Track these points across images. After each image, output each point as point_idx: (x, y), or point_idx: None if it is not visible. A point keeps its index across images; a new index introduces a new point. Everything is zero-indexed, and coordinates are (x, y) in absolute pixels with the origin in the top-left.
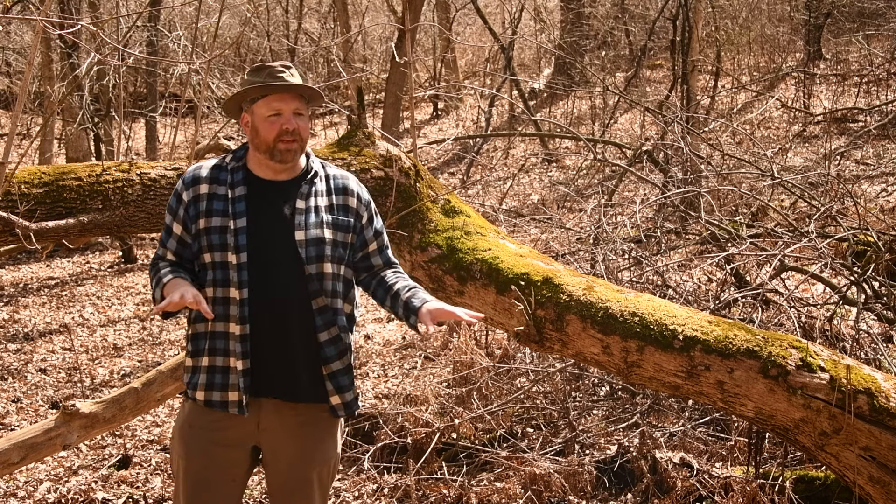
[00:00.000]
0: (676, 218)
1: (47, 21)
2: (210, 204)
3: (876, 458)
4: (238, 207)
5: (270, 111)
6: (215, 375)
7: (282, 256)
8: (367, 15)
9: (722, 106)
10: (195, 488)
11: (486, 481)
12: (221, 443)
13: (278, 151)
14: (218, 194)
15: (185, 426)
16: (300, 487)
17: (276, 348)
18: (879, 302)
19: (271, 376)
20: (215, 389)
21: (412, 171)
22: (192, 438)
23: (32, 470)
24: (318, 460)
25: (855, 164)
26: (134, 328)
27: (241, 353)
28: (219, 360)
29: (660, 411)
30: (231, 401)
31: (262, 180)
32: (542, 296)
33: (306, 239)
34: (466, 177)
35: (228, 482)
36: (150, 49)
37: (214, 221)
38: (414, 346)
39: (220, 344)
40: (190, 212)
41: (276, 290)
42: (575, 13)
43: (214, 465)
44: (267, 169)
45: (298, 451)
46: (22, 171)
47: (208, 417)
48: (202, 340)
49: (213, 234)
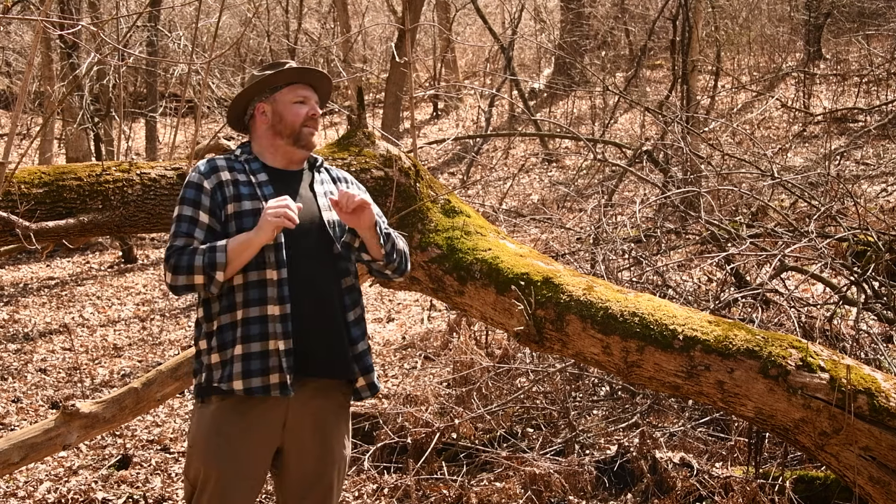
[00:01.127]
0: (676, 218)
1: (47, 21)
2: (237, 189)
3: (876, 458)
4: (266, 190)
5: (297, 98)
6: (251, 362)
7: (313, 237)
8: (367, 15)
9: (722, 106)
10: (225, 495)
11: (486, 481)
12: (251, 446)
13: (304, 136)
14: (241, 180)
15: (212, 434)
16: (321, 484)
17: (316, 328)
18: (879, 302)
19: (313, 356)
20: (254, 376)
21: (412, 171)
22: (220, 446)
23: (32, 470)
24: (337, 458)
25: (855, 164)
26: (134, 328)
27: (282, 333)
28: (254, 345)
29: (660, 411)
30: (273, 384)
31: (276, 170)
32: (542, 296)
33: (334, 220)
34: (466, 177)
35: (256, 484)
36: (150, 49)
37: (245, 205)
38: (414, 346)
39: (254, 329)
40: (217, 198)
41: (312, 269)
42: (575, 13)
43: (244, 469)
44: (281, 158)
45: (321, 450)
46: (22, 171)
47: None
48: (229, 331)
49: (244, 217)
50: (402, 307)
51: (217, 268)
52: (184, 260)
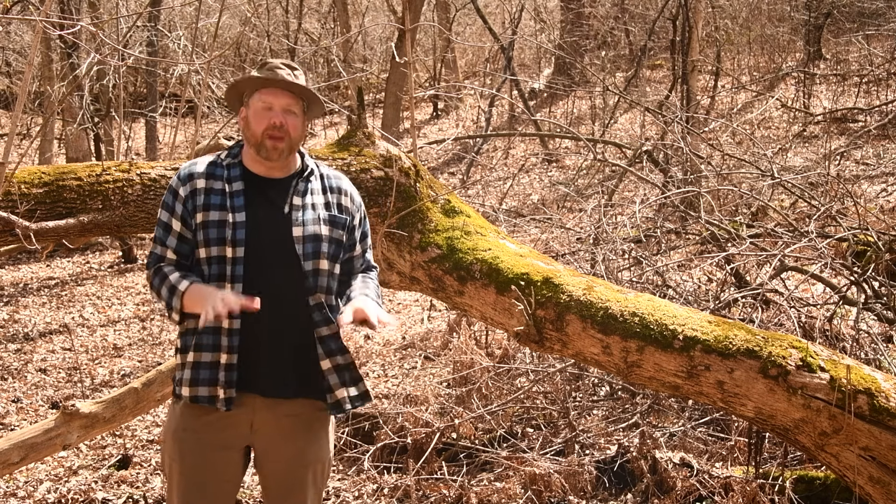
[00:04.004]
0: (676, 218)
1: (47, 21)
2: (208, 198)
3: (876, 458)
4: (236, 202)
5: (262, 104)
6: (200, 371)
7: (278, 252)
8: (367, 15)
9: (722, 106)
10: (189, 491)
11: (486, 481)
12: (216, 444)
13: (264, 147)
14: (215, 189)
15: (179, 429)
16: (294, 487)
17: (266, 344)
18: (879, 302)
19: (260, 372)
20: (201, 385)
21: (412, 171)
22: (185, 441)
23: (32, 470)
24: (311, 459)
25: (855, 164)
26: (134, 328)
27: (227, 347)
28: (205, 355)
29: (660, 411)
30: (218, 396)
31: (258, 177)
32: (542, 296)
33: (304, 235)
34: (466, 177)
35: (223, 483)
36: (150, 49)
37: (212, 215)
38: (414, 346)
39: (207, 339)
40: (188, 206)
41: (271, 286)
42: (575, 13)
43: (209, 467)
44: (261, 165)
45: (292, 451)
46: (22, 171)
47: (203, 420)
48: (190, 337)
49: (210, 227)
50: (402, 307)
51: (172, 309)
52: (155, 281)
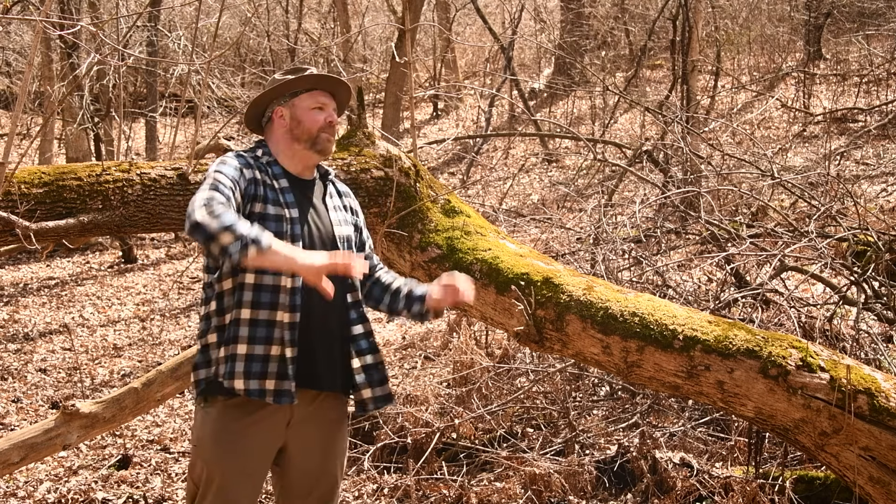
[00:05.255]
0: (676, 218)
1: (47, 21)
2: (265, 191)
3: (876, 458)
4: (288, 198)
5: (315, 104)
6: (253, 364)
7: (325, 250)
8: (367, 15)
9: (722, 106)
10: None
11: (486, 481)
12: (256, 445)
13: (321, 141)
14: (266, 183)
15: (218, 433)
16: (327, 478)
17: (319, 339)
18: (879, 302)
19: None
20: (253, 378)
21: (412, 171)
22: (226, 445)
23: (32, 470)
24: (340, 451)
25: (855, 164)
26: (134, 328)
27: (289, 340)
28: (258, 348)
29: (660, 411)
30: (269, 389)
31: (293, 176)
32: (542, 296)
33: (345, 235)
34: (466, 177)
35: (258, 484)
36: (150, 49)
37: (270, 209)
38: (414, 346)
39: (261, 332)
40: (249, 190)
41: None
42: (575, 13)
43: (249, 469)
44: (298, 164)
45: (326, 444)
46: (22, 171)
47: (243, 421)
48: (238, 328)
49: (269, 220)
50: None
51: (259, 246)
52: (228, 215)
